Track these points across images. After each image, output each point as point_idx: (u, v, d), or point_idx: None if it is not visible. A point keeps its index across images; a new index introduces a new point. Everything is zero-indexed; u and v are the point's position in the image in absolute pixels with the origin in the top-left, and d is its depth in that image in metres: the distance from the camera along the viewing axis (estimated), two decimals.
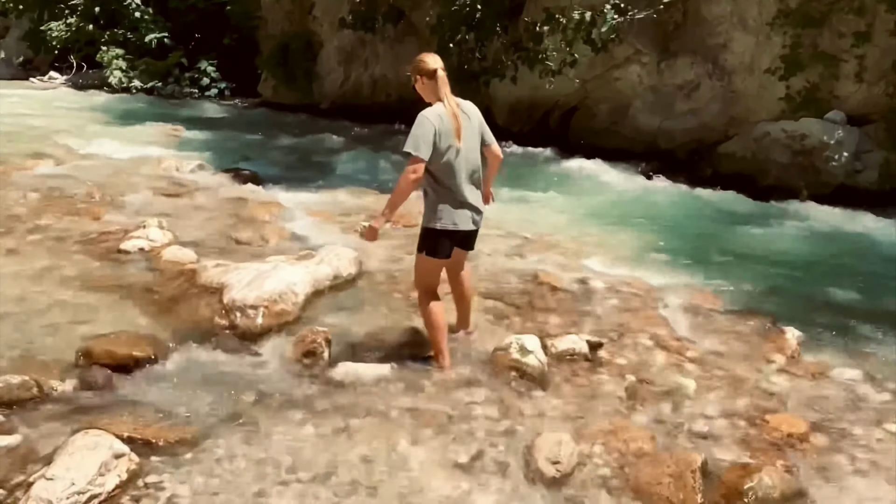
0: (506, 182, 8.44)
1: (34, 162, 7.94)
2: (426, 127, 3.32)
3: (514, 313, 4.37)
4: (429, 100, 3.49)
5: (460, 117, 3.43)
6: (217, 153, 9.42)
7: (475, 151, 3.55)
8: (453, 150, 3.40)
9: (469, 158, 3.49)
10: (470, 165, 3.49)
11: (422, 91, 3.50)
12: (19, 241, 5.17)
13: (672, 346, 4.07)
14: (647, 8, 9.64)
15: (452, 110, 3.41)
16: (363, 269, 4.95)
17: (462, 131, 3.41)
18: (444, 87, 3.42)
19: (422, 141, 3.30)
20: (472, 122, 3.52)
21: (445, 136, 3.36)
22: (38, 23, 19.46)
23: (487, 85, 11.66)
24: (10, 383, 3.11)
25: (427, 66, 3.42)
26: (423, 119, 3.35)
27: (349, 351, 3.78)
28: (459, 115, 3.44)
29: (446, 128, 3.36)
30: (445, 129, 3.36)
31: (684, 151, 9.59)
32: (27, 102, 14.39)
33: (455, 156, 3.42)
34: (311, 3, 16.32)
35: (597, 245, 5.94)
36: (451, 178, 3.42)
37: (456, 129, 3.39)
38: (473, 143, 3.52)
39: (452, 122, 3.39)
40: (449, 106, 3.41)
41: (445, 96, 3.42)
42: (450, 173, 3.42)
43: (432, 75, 3.40)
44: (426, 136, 3.30)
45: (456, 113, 3.42)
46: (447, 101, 3.41)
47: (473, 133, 3.52)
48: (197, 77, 17.89)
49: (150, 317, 4.03)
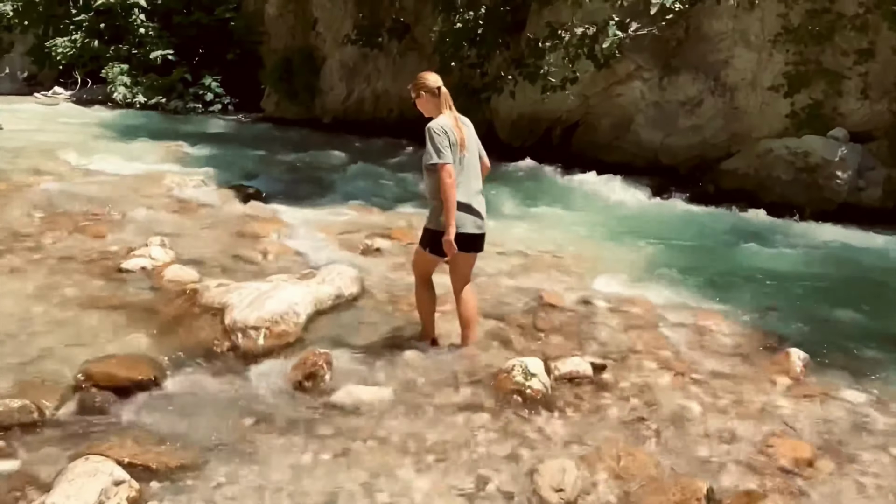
0: (508, 198, 8.47)
1: (37, 178, 7.96)
2: (441, 136, 3.60)
3: (516, 334, 4.34)
4: (430, 114, 3.76)
5: (463, 129, 3.72)
6: (220, 169, 9.44)
7: (476, 160, 3.84)
8: (458, 159, 3.65)
9: (472, 166, 3.79)
10: (473, 173, 3.79)
11: (423, 107, 3.79)
12: (22, 260, 5.16)
13: (676, 367, 4.04)
14: (649, 24, 9.70)
15: (456, 123, 3.70)
16: (365, 289, 4.93)
17: (465, 141, 3.71)
18: (448, 101, 3.73)
19: (443, 148, 3.58)
20: (471, 133, 3.82)
21: (453, 145, 3.63)
22: (42, 38, 19.63)
23: (489, 101, 11.70)
24: (10, 407, 3.09)
25: (431, 83, 3.72)
26: (435, 130, 3.62)
27: (351, 373, 3.75)
28: (462, 126, 3.73)
29: (453, 138, 3.64)
30: (453, 140, 3.63)
31: (687, 167, 9.60)
32: (31, 118, 14.47)
33: (460, 165, 3.68)
34: (314, 19, 16.44)
35: (600, 263, 5.91)
36: (458, 185, 3.64)
37: (461, 139, 3.68)
38: (474, 152, 3.82)
39: (457, 133, 3.67)
40: (453, 119, 3.70)
41: (450, 109, 3.72)
42: (461, 183, 3.66)
43: (436, 92, 3.70)
44: (444, 143, 3.58)
45: (459, 125, 3.71)
46: (451, 115, 3.70)
47: (474, 143, 3.83)
48: (201, 92, 18.00)
49: (152, 338, 4.01)
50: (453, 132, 3.64)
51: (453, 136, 3.63)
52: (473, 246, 3.85)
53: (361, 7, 14.77)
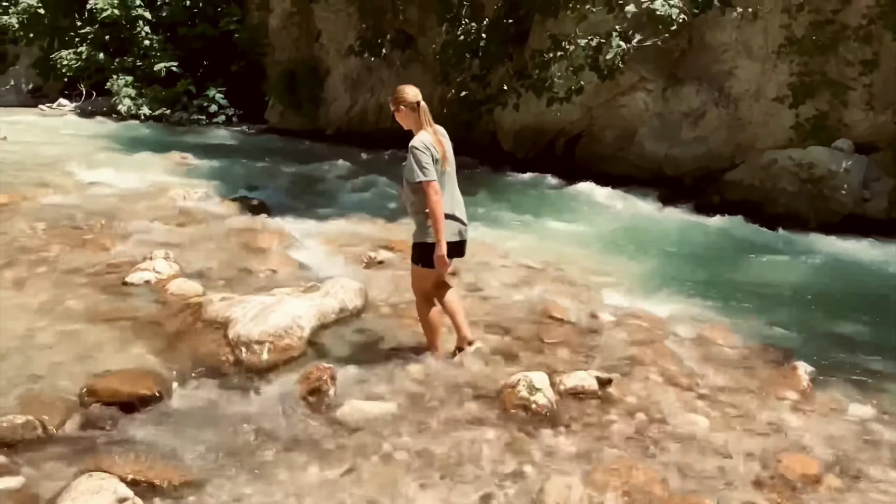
0: (511, 209, 8.48)
1: (42, 191, 7.99)
2: (424, 153, 3.67)
3: (521, 347, 4.32)
4: (408, 128, 3.86)
5: (444, 143, 3.81)
6: (224, 181, 9.47)
7: (455, 170, 3.92)
8: (441, 172, 3.74)
9: (453, 176, 3.88)
10: (454, 183, 3.89)
11: (402, 120, 3.87)
12: (26, 274, 5.16)
13: (682, 382, 4.02)
14: (652, 35, 9.71)
15: (437, 137, 3.78)
16: (369, 302, 4.92)
17: (447, 154, 3.80)
18: (427, 116, 3.80)
19: (427, 166, 3.65)
20: (449, 144, 3.90)
21: (436, 161, 3.72)
22: (48, 51, 19.75)
23: (492, 112, 11.73)
24: (14, 423, 3.08)
25: (410, 98, 3.80)
26: (418, 147, 3.69)
27: (355, 387, 3.73)
28: (442, 140, 3.81)
29: (436, 154, 3.72)
30: (435, 156, 3.72)
31: (691, 178, 9.59)
32: (35, 130, 14.55)
33: (443, 177, 3.76)
34: (317, 31, 16.52)
35: (604, 275, 5.90)
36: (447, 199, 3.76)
37: (442, 154, 3.77)
38: (453, 163, 3.90)
39: (438, 148, 3.75)
40: (433, 133, 3.77)
41: (430, 124, 3.79)
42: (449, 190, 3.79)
43: (416, 107, 3.78)
44: (427, 161, 3.66)
45: (440, 139, 3.79)
46: (431, 129, 3.78)
47: (452, 154, 3.90)
48: (205, 104, 18.08)
49: (155, 352, 3.99)
50: (435, 148, 3.71)
51: (436, 151, 3.71)
52: (458, 252, 3.95)
53: (365, 18, 14.85)
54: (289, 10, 17.04)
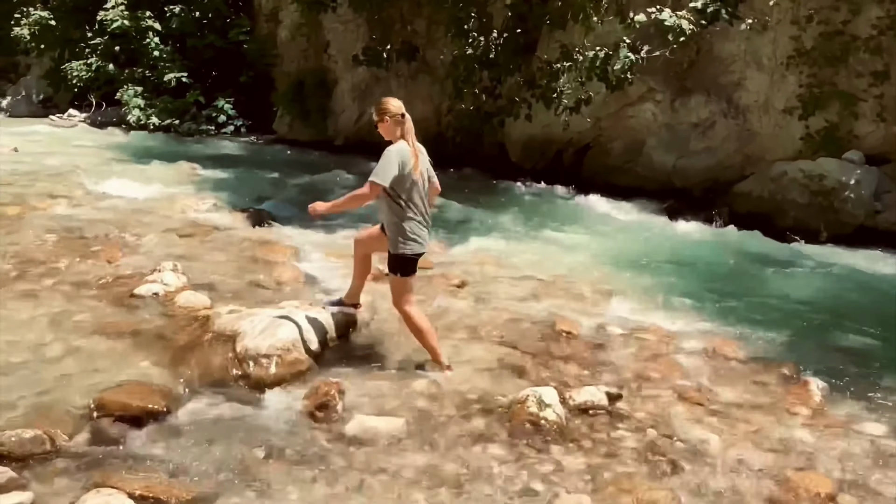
0: (519, 221, 8.46)
1: (51, 202, 8.01)
2: (392, 161, 3.82)
3: (530, 362, 4.30)
4: (389, 138, 3.97)
5: (419, 157, 3.95)
6: (233, 192, 9.48)
7: (426, 182, 4.07)
8: (412, 180, 3.90)
9: (423, 187, 4.03)
10: (424, 193, 4.03)
11: (384, 130, 3.98)
12: (35, 285, 5.17)
13: (693, 397, 3.99)
14: (660, 46, 9.71)
15: (414, 149, 3.92)
16: (375, 315, 4.90)
17: (419, 166, 3.95)
18: (410, 129, 3.94)
19: (387, 172, 3.80)
20: (425, 159, 4.07)
21: (408, 169, 3.87)
22: (58, 62, 19.87)
23: (502, 124, 11.74)
24: (23, 438, 3.08)
25: (394, 110, 3.93)
26: (389, 154, 3.85)
27: (363, 402, 3.72)
28: (418, 154, 3.95)
29: (408, 162, 3.86)
30: (408, 163, 3.86)
31: (700, 190, 9.55)
32: (46, 140, 14.62)
33: (414, 186, 3.93)
34: (326, 42, 16.59)
35: (613, 288, 5.86)
36: (416, 205, 3.96)
37: (415, 164, 3.91)
38: (425, 176, 4.05)
39: (413, 159, 3.89)
40: (412, 145, 3.92)
41: (410, 136, 3.93)
42: (414, 200, 3.94)
43: (400, 119, 3.91)
44: (391, 168, 3.80)
45: (416, 152, 3.93)
46: (410, 141, 3.93)
47: (426, 168, 4.07)
48: (214, 115, 18.11)
49: (164, 366, 3.99)
50: (409, 157, 3.86)
51: (407, 160, 3.84)
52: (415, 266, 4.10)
53: (372, 29, 14.91)
54: (297, 21, 17.12)
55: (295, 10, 16.62)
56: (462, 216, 8.90)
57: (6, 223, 6.97)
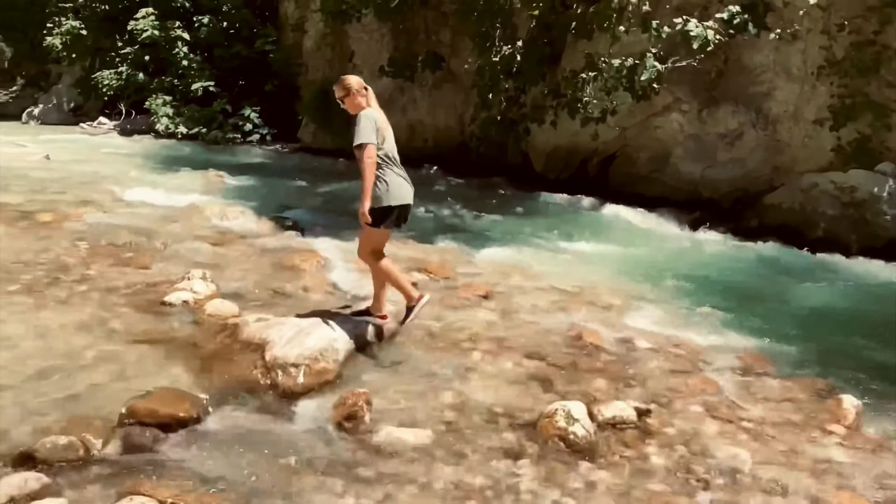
0: (544, 231, 8.42)
1: (83, 209, 8.15)
2: (369, 121, 4.20)
3: (557, 375, 4.26)
4: (356, 111, 4.32)
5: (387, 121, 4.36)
6: (259, 200, 9.57)
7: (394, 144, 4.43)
8: (384, 137, 4.27)
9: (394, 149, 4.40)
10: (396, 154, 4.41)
11: (350, 105, 4.37)
12: (68, 292, 5.26)
13: (724, 413, 3.93)
14: (687, 56, 9.65)
15: (381, 113, 4.36)
16: (401, 325, 4.90)
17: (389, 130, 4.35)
18: (371, 95, 4.41)
19: (370, 131, 4.18)
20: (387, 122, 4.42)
21: (384, 129, 4.29)
22: (89, 71, 20.27)
23: (526, 133, 11.72)
24: (57, 444, 3.12)
25: (358, 84, 4.36)
26: (364, 117, 4.22)
27: (391, 413, 3.71)
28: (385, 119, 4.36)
29: (382, 124, 4.29)
30: (382, 125, 4.29)
31: (728, 201, 9.45)
32: (76, 148, 14.91)
33: (387, 142, 4.31)
34: (350, 51, 16.74)
35: (641, 300, 5.82)
36: (394, 159, 4.34)
37: (385, 124, 4.32)
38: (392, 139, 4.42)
39: (382, 119, 4.32)
40: (379, 110, 4.38)
41: (374, 102, 4.39)
42: (393, 158, 4.34)
43: (364, 92, 4.35)
44: (371, 126, 4.19)
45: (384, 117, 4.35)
46: (375, 106, 4.37)
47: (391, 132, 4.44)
48: (240, 123, 18.35)
49: (193, 373, 4.03)
50: (380, 119, 4.27)
51: (382, 122, 4.27)
52: (404, 216, 4.47)
53: (397, 40, 15.01)
54: (323, 31, 17.30)
55: (320, 20, 16.80)
56: (486, 226, 8.89)
57: (40, 230, 7.11)
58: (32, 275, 5.56)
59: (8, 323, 4.51)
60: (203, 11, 19.34)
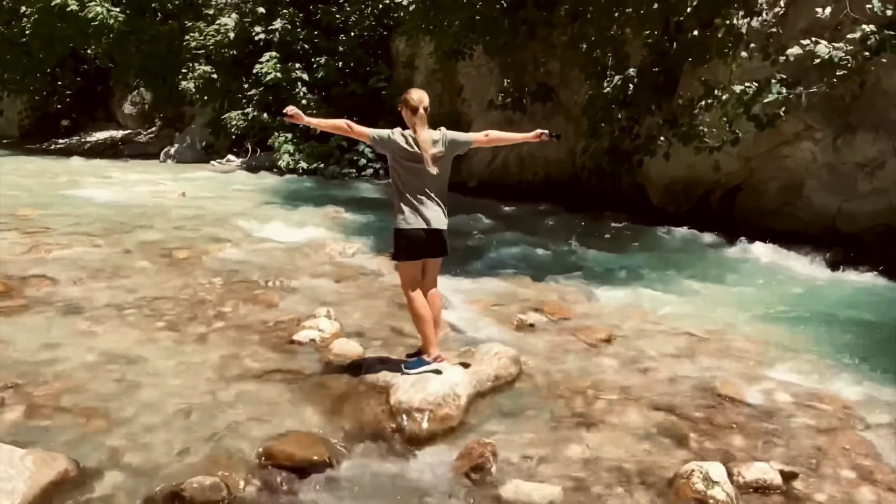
0: (665, 269, 8.10)
1: (217, 246, 8.67)
2: (384, 132, 4.32)
3: (690, 430, 4.04)
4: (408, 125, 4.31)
5: (428, 150, 4.21)
6: (375, 236, 9.83)
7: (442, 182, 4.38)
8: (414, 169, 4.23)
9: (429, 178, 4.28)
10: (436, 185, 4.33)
11: (404, 117, 4.34)
12: (206, 328, 5.58)
13: (881, 480, 3.58)
14: (817, 81, 9.06)
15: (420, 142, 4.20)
16: (522, 369, 4.84)
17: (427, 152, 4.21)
18: (421, 116, 4.24)
19: (378, 132, 4.34)
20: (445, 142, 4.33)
21: (405, 153, 4.23)
22: (219, 111, 21.82)
23: (640, 164, 11.41)
24: (203, 485, 3.27)
25: (412, 102, 4.26)
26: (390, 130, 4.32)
27: (516, 465, 3.65)
28: (428, 147, 4.22)
29: (408, 147, 4.22)
30: (407, 148, 4.22)
31: (870, 235, 8.72)
32: (209, 185, 16.00)
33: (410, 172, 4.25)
34: (460, 86, 17.05)
35: (779, 347, 5.44)
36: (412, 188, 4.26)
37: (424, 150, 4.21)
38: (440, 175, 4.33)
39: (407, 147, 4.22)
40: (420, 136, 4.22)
41: (420, 125, 4.23)
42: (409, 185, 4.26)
43: (415, 111, 4.24)
44: (382, 133, 4.31)
45: (423, 146, 4.20)
46: (419, 132, 4.23)
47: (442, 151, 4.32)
48: (355, 158, 19.10)
49: (323, 415, 4.13)
50: (399, 143, 4.22)
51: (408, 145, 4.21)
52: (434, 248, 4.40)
53: (507, 73, 15.13)
54: (432, 67, 17.77)
55: (430, 56, 17.25)
56: (602, 264, 8.67)
57: (179, 266, 7.63)
58: (174, 311, 5.95)
59: (156, 360, 4.83)
60: (321, 52, 20.40)
